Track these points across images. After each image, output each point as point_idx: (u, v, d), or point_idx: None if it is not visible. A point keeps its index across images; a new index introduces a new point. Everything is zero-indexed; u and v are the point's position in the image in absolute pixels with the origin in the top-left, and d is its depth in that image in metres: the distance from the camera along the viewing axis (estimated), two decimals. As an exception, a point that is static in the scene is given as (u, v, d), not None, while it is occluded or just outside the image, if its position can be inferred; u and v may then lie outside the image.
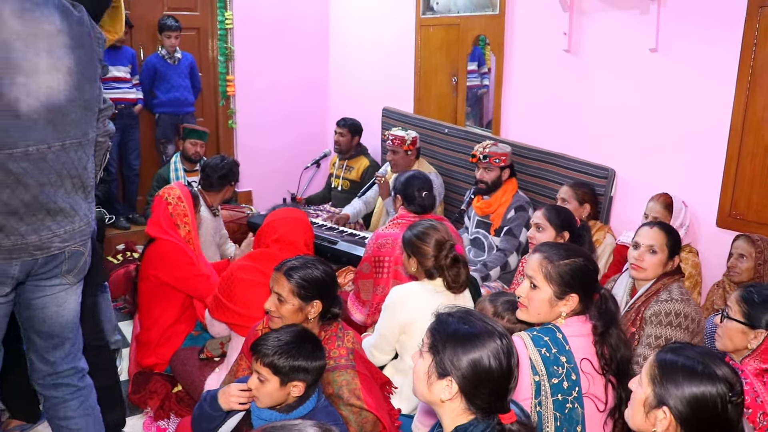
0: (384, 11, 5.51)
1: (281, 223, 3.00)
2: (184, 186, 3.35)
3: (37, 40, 1.87)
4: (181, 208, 3.24)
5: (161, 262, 3.15)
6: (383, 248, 3.25)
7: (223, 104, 5.99)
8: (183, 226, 3.24)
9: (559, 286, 2.01)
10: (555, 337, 2.01)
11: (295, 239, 2.96)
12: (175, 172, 5.09)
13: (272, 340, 2.08)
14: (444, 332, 1.58)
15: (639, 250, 2.62)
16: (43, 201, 1.95)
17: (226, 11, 5.80)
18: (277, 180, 5.52)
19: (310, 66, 6.21)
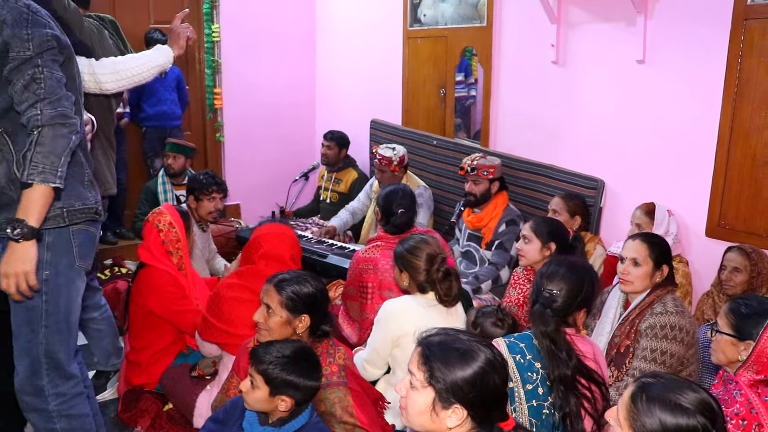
0: (371, 23, 5.52)
1: (267, 239, 2.97)
2: (173, 209, 3.27)
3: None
4: (173, 234, 3.18)
5: (152, 292, 3.09)
6: (365, 273, 3.22)
7: (210, 117, 5.96)
8: (176, 252, 3.18)
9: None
10: (531, 343, 2.06)
11: (282, 254, 2.93)
12: (162, 185, 5.05)
13: (274, 350, 2.08)
14: (438, 358, 1.57)
15: (624, 263, 2.63)
16: None
17: (213, 24, 5.79)
18: (266, 193, 5.50)
19: (298, 78, 6.20)
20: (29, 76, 1.97)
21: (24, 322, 2.20)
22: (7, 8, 1.99)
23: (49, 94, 1.98)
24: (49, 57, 2.01)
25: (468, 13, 4.58)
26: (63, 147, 1.98)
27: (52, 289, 2.18)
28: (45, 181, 1.95)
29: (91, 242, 2.30)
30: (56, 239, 2.17)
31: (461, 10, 4.63)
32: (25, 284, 2.02)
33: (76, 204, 2.18)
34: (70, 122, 2.00)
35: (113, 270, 4.99)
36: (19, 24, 1.98)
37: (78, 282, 2.27)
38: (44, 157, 1.95)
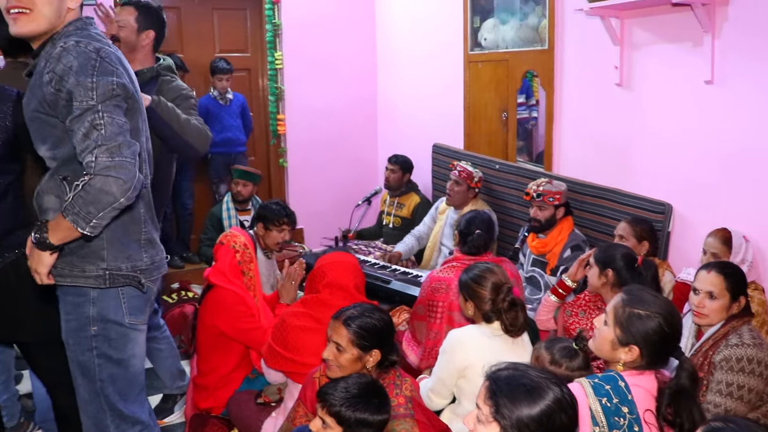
0: (432, 48, 5.55)
1: (330, 268, 3.00)
2: (245, 232, 3.37)
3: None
4: (248, 254, 3.26)
5: (221, 312, 3.16)
6: (437, 292, 3.23)
7: (273, 143, 6.08)
8: (248, 272, 3.26)
9: (624, 333, 1.97)
10: (617, 385, 1.95)
11: (346, 283, 2.95)
12: (227, 211, 5.17)
13: (340, 389, 2.08)
14: (504, 394, 1.55)
15: (698, 296, 2.55)
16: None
17: (276, 52, 5.92)
18: (329, 218, 5.57)
19: (360, 103, 6.28)
20: (89, 123, 1.88)
21: (79, 375, 2.22)
22: (75, 53, 1.94)
23: (107, 140, 1.87)
24: (112, 104, 1.93)
25: (529, 37, 4.55)
26: (105, 204, 1.87)
27: (101, 344, 2.17)
28: (74, 223, 1.89)
29: (143, 300, 2.23)
30: (102, 296, 2.13)
31: (522, 34, 4.61)
32: (40, 280, 2.06)
33: (123, 267, 2.11)
34: (124, 177, 1.86)
35: (180, 294, 5.10)
36: (85, 71, 1.92)
37: (133, 335, 2.22)
38: (84, 204, 1.86)
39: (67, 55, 1.93)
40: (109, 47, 2.05)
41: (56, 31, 2.05)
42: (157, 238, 2.27)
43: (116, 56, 2.05)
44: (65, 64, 1.92)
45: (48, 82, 1.94)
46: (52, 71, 1.93)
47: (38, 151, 2.11)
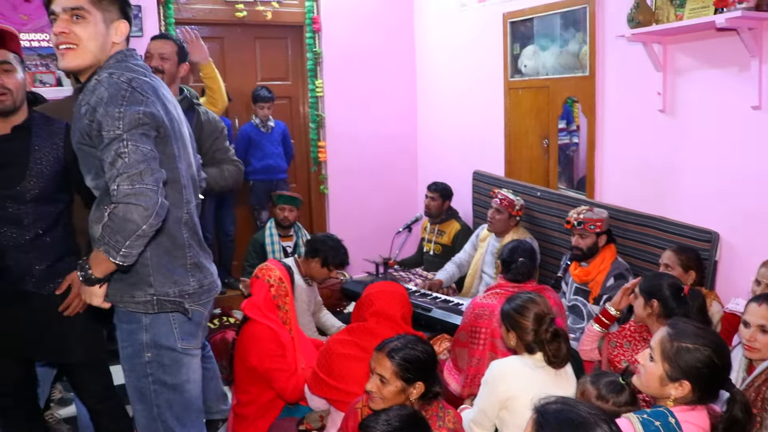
0: (472, 75, 5.56)
1: (378, 297, 3.01)
2: (281, 264, 3.38)
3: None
4: (283, 288, 3.27)
5: (254, 346, 3.16)
6: (480, 318, 3.22)
7: (314, 170, 6.14)
8: (283, 306, 3.27)
9: (672, 368, 1.93)
10: (667, 421, 1.90)
11: (393, 313, 2.95)
12: (270, 237, 5.21)
13: (382, 422, 2.08)
14: (552, 428, 1.53)
15: (749, 329, 2.48)
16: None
17: (317, 79, 5.99)
18: (369, 244, 5.57)
19: (400, 131, 6.31)
20: (114, 152, 1.90)
21: (137, 401, 2.26)
22: (107, 85, 1.98)
23: (129, 168, 1.88)
24: (138, 132, 1.94)
25: (569, 63, 4.54)
26: (130, 232, 1.88)
27: (156, 370, 2.20)
28: (107, 254, 1.92)
29: (195, 325, 2.26)
30: (154, 322, 2.17)
31: (562, 60, 4.60)
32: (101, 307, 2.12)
33: (170, 292, 2.14)
34: (144, 204, 1.86)
35: (222, 319, 5.14)
36: (114, 101, 1.94)
37: (187, 360, 2.25)
38: (111, 234, 1.89)
39: (100, 87, 1.99)
40: (143, 77, 2.08)
41: (100, 65, 2.11)
42: (206, 261, 2.29)
43: (150, 86, 2.09)
44: (98, 96, 1.97)
45: (84, 114, 2.00)
46: (87, 103, 2.00)
47: (85, 181, 2.16)
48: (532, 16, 4.83)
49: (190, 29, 3.92)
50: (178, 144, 2.19)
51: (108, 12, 2.09)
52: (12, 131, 2.54)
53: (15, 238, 2.52)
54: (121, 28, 2.14)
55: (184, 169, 2.21)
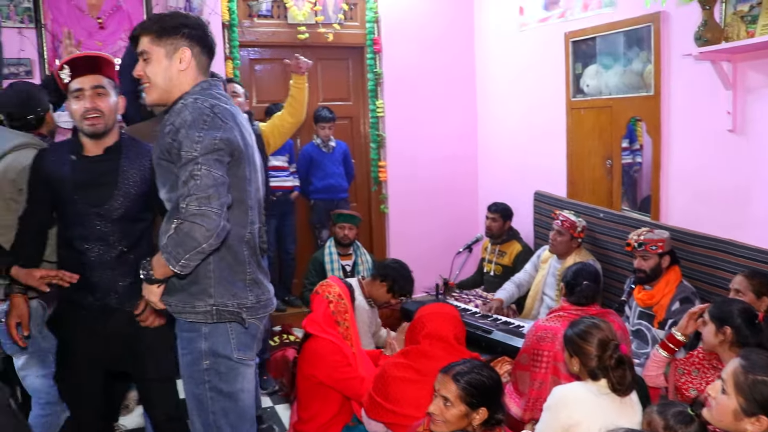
0: (533, 94, 5.53)
1: (430, 319, 3.01)
2: (341, 282, 3.42)
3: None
4: (342, 305, 3.31)
5: (319, 362, 3.21)
6: (543, 341, 3.18)
7: (375, 190, 6.17)
8: (343, 323, 3.30)
9: (748, 402, 1.86)
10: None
11: (446, 334, 2.94)
12: (329, 256, 5.25)
13: None
14: None
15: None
16: None
17: (378, 100, 6.05)
18: (429, 264, 5.55)
19: (460, 151, 6.30)
20: (188, 173, 2.05)
21: (194, 407, 2.35)
22: (191, 109, 2.14)
23: (199, 191, 2.03)
24: (212, 157, 2.08)
25: (633, 83, 4.47)
26: (191, 246, 2.03)
27: (213, 378, 2.30)
28: (167, 261, 2.08)
29: (250, 336, 2.36)
30: (213, 330, 2.28)
31: (626, 80, 4.53)
32: (155, 307, 2.29)
33: (229, 304, 2.26)
34: (208, 225, 2.02)
35: (282, 337, 5.20)
36: (196, 125, 2.09)
37: (242, 369, 2.35)
38: (174, 245, 2.05)
39: (185, 110, 2.14)
40: (225, 104, 2.23)
41: (186, 91, 2.26)
42: (264, 279, 2.41)
43: (230, 113, 2.23)
44: (182, 118, 2.12)
45: (167, 133, 2.15)
46: (172, 123, 2.15)
47: (159, 193, 2.31)
48: (595, 36, 4.77)
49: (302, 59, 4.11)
50: (250, 168, 2.31)
51: (169, 45, 2.25)
52: (104, 152, 2.68)
53: (102, 254, 2.64)
54: (185, 56, 2.26)
55: (252, 191, 2.34)
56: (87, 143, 2.66)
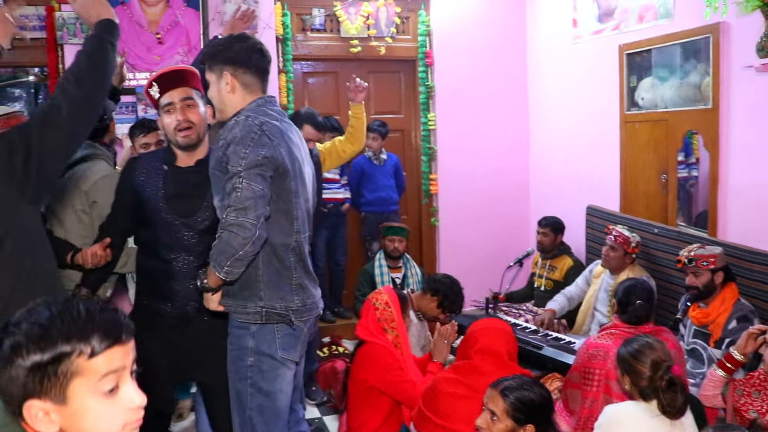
0: (586, 107, 5.47)
1: (482, 333, 3.00)
2: (392, 291, 3.45)
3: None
4: (388, 313, 3.34)
5: (371, 365, 3.24)
6: (594, 359, 3.13)
7: (425, 202, 6.18)
8: (390, 331, 3.33)
9: None
10: None
11: (498, 350, 2.93)
12: (379, 268, 5.27)
13: None
14: None
15: None
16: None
17: (429, 113, 6.06)
18: (479, 278, 5.52)
19: (511, 164, 6.26)
20: (231, 185, 2.23)
21: (235, 402, 2.50)
22: (241, 126, 2.31)
23: (237, 203, 2.20)
24: (254, 172, 2.25)
25: (690, 95, 4.39)
26: (230, 253, 2.21)
27: (255, 375, 2.45)
28: (214, 269, 2.28)
29: (295, 338, 2.50)
30: (260, 330, 2.45)
31: (683, 92, 4.45)
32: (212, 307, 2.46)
33: (277, 306, 2.43)
34: (244, 234, 2.19)
35: (331, 348, 5.23)
36: (244, 142, 2.27)
37: (282, 370, 2.49)
38: (218, 253, 2.24)
39: (236, 127, 2.32)
40: (275, 122, 2.39)
41: (241, 108, 2.45)
42: (310, 284, 2.57)
43: (279, 130, 2.41)
44: (233, 134, 2.30)
45: (220, 147, 2.33)
46: (224, 138, 2.32)
47: (214, 201, 2.48)
48: (650, 48, 4.71)
49: (358, 80, 4.24)
50: (297, 181, 2.45)
51: (217, 71, 2.49)
52: (195, 164, 2.77)
53: (186, 264, 2.73)
54: (228, 79, 2.46)
55: (300, 203, 2.48)
56: (180, 154, 2.76)
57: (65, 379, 1.13)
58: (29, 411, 1.14)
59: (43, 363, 1.12)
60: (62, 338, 1.13)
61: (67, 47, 4.83)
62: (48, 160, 1.90)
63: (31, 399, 1.14)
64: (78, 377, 1.14)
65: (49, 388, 1.13)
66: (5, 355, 1.12)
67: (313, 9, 5.70)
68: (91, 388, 1.15)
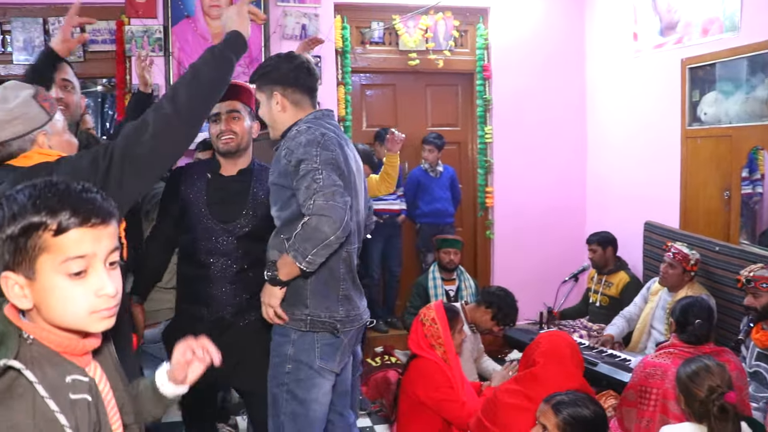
0: (646, 122, 5.38)
1: (547, 337, 3.05)
2: (441, 308, 3.44)
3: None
4: (434, 329, 3.35)
5: (421, 381, 3.26)
6: (651, 378, 3.09)
7: (481, 215, 6.16)
8: (438, 347, 3.34)
9: None
10: None
11: (563, 353, 2.92)
12: (433, 280, 5.28)
13: None
14: None
15: None
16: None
17: (486, 126, 6.05)
18: (534, 292, 5.47)
19: (568, 178, 6.20)
20: (311, 178, 2.27)
21: (270, 407, 2.53)
22: (305, 134, 2.39)
23: (323, 189, 2.23)
24: (329, 168, 2.32)
25: (756, 110, 4.29)
26: (318, 241, 2.20)
27: (291, 382, 2.46)
28: (294, 259, 2.26)
29: (334, 348, 2.50)
30: (300, 338, 2.46)
31: (748, 107, 4.35)
32: (272, 313, 2.44)
33: (322, 315, 2.45)
34: (334, 217, 2.20)
35: (383, 358, 5.25)
36: (312, 144, 2.34)
37: (319, 380, 2.49)
38: (302, 241, 2.23)
39: (300, 136, 2.40)
40: (333, 134, 2.47)
41: (300, 119, 2.53)
42: (356, 296, 2.59)
43: (337, 141, 2.48)
44: (297, 141, 2.37)
45: (283, 156, 2.39)
46: (287, 148, 2.39)
47: (271, 210, 2.55)
48: (714, 62, 4.62)
49: (396, 132, 4.21)
50: (351, 193, 2.48)
51: (267, 91, 2.56)
52: (238, 173, 2.89)
53: (224, 269, 2.81)
54: (278, 98, 2.54)
55: (353, 215, 2.50)
56: (223, 163, 2.88)
57: (33, 252, 1.15)
58: (6, 282, 1.17)
59: (15, 234, 1.14)
60: (33, 210, 1.14)
61: (134, 59, 5.00)
62: (129, 176, 1.85)
63: (7, 270, 1.17)
64: (45, 253, 1.15)
65: (20, 261, 1.15)
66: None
67: (373, 22, 5.77)
68: (56, 266, 1.16)
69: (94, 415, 1.23)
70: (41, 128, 1.93)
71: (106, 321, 1.22)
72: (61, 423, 1.13)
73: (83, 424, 1.19)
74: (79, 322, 1.20)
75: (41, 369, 1.17)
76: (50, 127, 1.95)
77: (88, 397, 1.22)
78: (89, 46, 4.99)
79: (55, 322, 1.20)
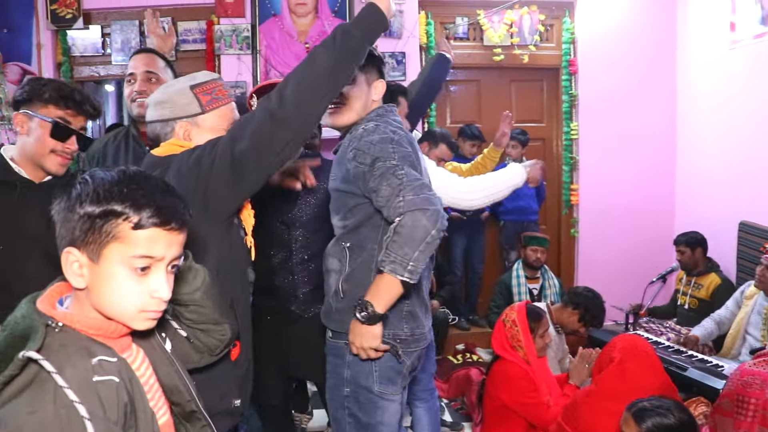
0: (742, 117, 5.15)
1: (621, 337, 3.02)
2: (523, 310, 3.40)
3: None
4: (515, 331, 3.33)
5: (505, 384, 3.25)
6: (749, 387, 2.97)
7: (566, 213, 6.06)
8: (519, 349, 3.32)
9: None
10: None
11: (641, 346, 2.86)
12: (516, 279, 5.24)
13: None
14: None
15: None
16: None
17: (572, 122, 5.94)
18: (619, 292, 5.33)
19: (656, 176, 6.02)
20: (392, 175, 2.01)
21: (335, 429, 2.36)
22: (376, 132, 2.15)
23: (411, 182, 1.98)
24: (408, 164, 2.07)
25: None
26: (419, 240, 1.91)
27: (352, 405, 2.25)
28: (393, 272, 1.94)
29: (395, 372, 2.24)
30: (355, 360, 2.20)
31: None
32: (373, 353, 2.12)
33: (385, 334, 2.14)
34: (432, 209, 1.93)
35: (465, 356, 5.25)
36: (385, 141, 2.11)
37: (382, 403, 2.24)
38: (398, 248, 1.92)
39: (369, 135, 2.16)
40: (402, 131, 2.26)
41: (361, 117, 2.30)
42: (421, 313, 2.31)
43: (407, 139, 2.25)
44: (366, 140, 2.14)
45: (351, 159, 2.15)
46: (355, 148, 2.15)
47: (332, 219, 2.34)
48: (818, 54, 4.40)
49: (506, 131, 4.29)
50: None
51: (369, 74, 2.29)
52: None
53: (284, 260, 2.86)
54: (379, 87, 2.33)
55: None
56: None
57: (106, 238, 1.17)
58: (67, 258, 1.19)
59: (93, 215, 1.16)
60: (119, 198, 1.17)
61: (224, 57, 5.16)
62: (215, 180, 1.78)
63: (73, 246, 1.18)
64: (117, 242, 1.17)
65: (90, 241, 1.17)
66: (71, 200, 1.18)
67: (457, 18, 5.74)
68: (123, 257, 1.18)
69: (124, 396, 1.21)
70: (187, 118, 1.93)
71: (150, 322, 1.25)
72: (81, 414, 1.12)
73: (111, 406, 1.18)
74: (124, 316, 1.22)
75: (66, 354, 1.17)
76: (200, 120, 1.94)
77: (116, 378, 1.21)
78: (180, 45, 5.17)
79: (101, 308, 1.22)
